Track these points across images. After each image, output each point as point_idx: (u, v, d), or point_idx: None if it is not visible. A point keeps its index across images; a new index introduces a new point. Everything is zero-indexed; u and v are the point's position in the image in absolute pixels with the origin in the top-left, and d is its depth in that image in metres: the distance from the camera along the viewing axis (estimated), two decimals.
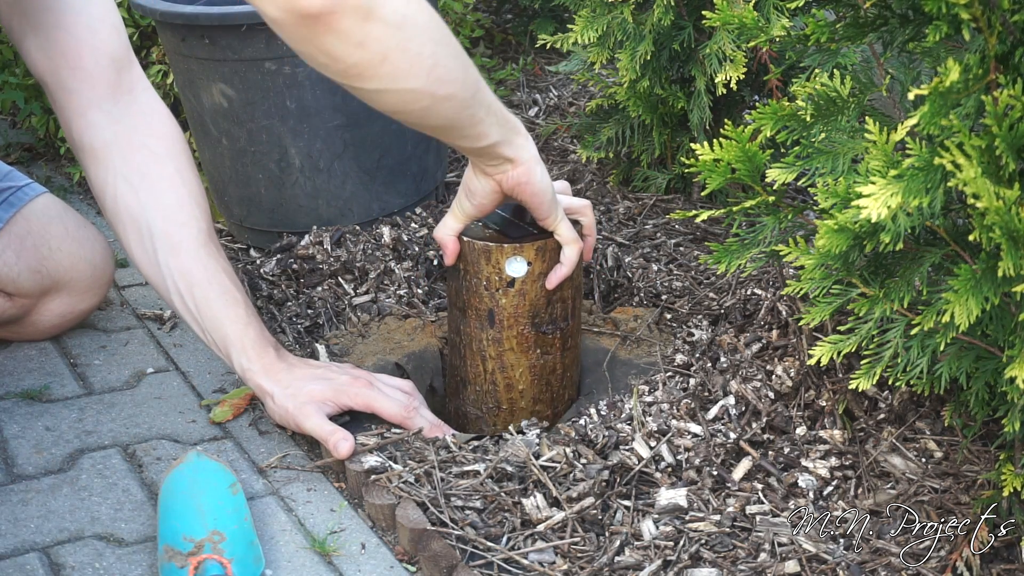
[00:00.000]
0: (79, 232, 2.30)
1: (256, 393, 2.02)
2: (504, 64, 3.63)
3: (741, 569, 1.71)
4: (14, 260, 2.22)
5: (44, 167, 3.14)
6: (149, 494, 1.91)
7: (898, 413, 1.96)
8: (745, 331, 2.17)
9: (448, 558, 1.71)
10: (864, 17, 1.68)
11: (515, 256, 2.02)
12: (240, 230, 2.73)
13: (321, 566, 1.75)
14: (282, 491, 1.92)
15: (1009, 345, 1.50)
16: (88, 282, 2.30)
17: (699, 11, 2.46)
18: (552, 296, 2.06)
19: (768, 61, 2.51)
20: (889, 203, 1.40)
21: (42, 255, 2.24)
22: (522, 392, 2.12)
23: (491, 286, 2.04)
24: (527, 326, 2.07)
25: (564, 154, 3.08)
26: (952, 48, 1.55)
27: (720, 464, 1.90)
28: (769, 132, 1.71)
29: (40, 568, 1.74)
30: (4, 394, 2.17)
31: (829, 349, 1.65)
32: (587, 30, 2.55)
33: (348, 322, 2.38)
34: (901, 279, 1.61)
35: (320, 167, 2.58)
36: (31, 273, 2.23)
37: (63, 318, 2.32)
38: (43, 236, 2.25)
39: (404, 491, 1.84)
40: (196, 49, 2.50)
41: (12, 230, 2.23)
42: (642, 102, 2.62)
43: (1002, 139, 1.35)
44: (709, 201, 2.72)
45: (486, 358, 2.10)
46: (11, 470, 1.96)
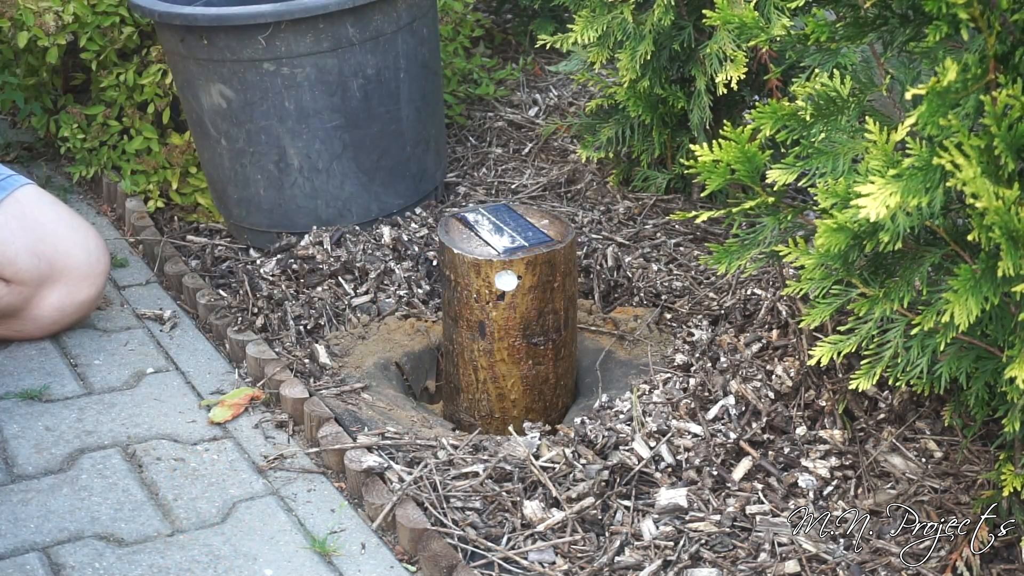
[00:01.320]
0: (71, 219, 2.33)
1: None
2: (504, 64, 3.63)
3: (741, 569, 1.71)
4: (11, 237, 2.24)
5: (44, 167, 3.14)
6: (149, 494, 1.91)
7: (898, 413, 1.96)
8: (745, 331, 2.17)
9: (448, 558, 1.71)
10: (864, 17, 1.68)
11: (505, 270, 2.02)
12: (239, 230, 2.73)
13: (321, 566, 1.75)
14: (282, 491, 1.92)
15: (1009, 345, 1.50)
16: (85, 269, 2.31)
17: (699, 11, 2.46)
18: (544, 308, 2.06)
19: (768, 61, 2.51)
20: (888, 203, 1.40)
21: (38, 236, 2.26)
22: (514, 402, 2.12)
23: (481, 299, 2.04)
24: (518, 338, 2.07)
25: (564, 154, 3.08)
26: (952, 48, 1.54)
27: (720, 464, 1.90)
28: (769, 132, 1.71)
29: (40, 568, 1.74)
30: (4, 394, 2.17)
31: (829, 349, 1.65)
32: (587, 30, 2.55)
33: (348, 323, 2.38)
34: (901, 279, 1.61)
35: (319, 168, 2.58)
36: (29, 255, 2.24)
37: (62, 311, 2.32)
38: (37, 219, 2.28)
39: (404, 491, 1.83)
40: (194, 50, 2.50)
41: (7, 209, 2.26)
42: (642, 102, 2.62)
43: (1001, 139, 1.35)
44: (709, 201, 2.72)
45: (478, 368, 2.10)
46: (11, 470, 1.96)
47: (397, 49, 2.56)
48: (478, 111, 3.33)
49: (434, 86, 2.73)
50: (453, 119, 3.24)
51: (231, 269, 2.59)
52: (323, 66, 2.48)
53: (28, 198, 2.30)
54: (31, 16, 2.75)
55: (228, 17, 2.43)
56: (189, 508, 1.88)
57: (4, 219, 2.25)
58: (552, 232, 2.11)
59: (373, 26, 2.50)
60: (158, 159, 2.86)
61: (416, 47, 2.61)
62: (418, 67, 2.63)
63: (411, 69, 2.61)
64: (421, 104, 2.67)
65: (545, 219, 2.17)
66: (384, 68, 2.55)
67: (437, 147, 2.79)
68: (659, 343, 2.29)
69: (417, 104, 2.65)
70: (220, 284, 2.54)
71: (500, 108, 3.34)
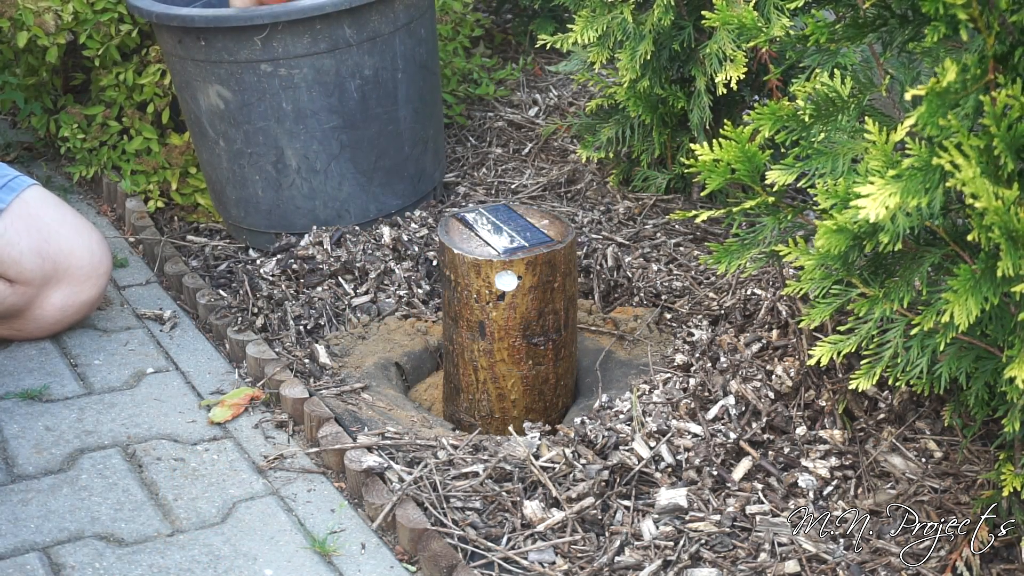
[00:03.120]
0: (75, 220, 2.34)
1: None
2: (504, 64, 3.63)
3: (741, 569, 1.71)
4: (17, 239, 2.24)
5: (44, 167, 3.14)
6: (149, 494, 1.91)
7: (898, 413, 1.96)
8: (745, 331, 2.17)
9: (448, 558, 1.71)
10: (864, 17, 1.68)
11: (505, 270, 2.02)
12: (238, 231, 2.73)
13: (321, 566, 1.75)
14: (282, 491, 1.92)
15: (1009, 345, 1.50)
16: (87, 270, 2.32)
17: (699, 11, 2.46)
18: (544, 309, 2.06)
19: (768, 61, 2.51)
20: (887, 203, 1.40)
21: (43, 237, 2.27)
22: (514, 402, 2.12)
23: (481, 299, 2.04)
24: (518, 338, 2.07)
25: (564, 154, 3.08)
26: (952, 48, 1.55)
27: (720, 464, 1.90)
28: (768, 132, 1.71)
29: (40, 568, 1.74)
30: (4, 394, 2.17)
31: (829, 349, 1.65)
32: (587, 30, 2.55)
33: (348, 323, 2.38)
34: (901, 279, 1.61)
35: (317, 168, 2.58)
36: (33, 255, 2.25)
37: (64, 311, 2.32)
38: (43, 219, 2.29)
39: (404, 491, 1.84)
40: (192, 51, 2.50)
41: (15, 211, 2.27)
42: (642, 102, 2.62)
43: (1001, 139, 1.35)
44: (709, 201, 2.72)
45: (478, 368, 2.10)
46: (11, 470, 1.96)
47: (395, 50, 2.56)
48: (478, 111, 3.33)
49: (432, 86, 2.73)
50: (453, 119, 3.24)
51: (231, 269, 2.59)
52: (320, 67, 2.48)
53: (34, 199, 2.31)
54: (31, 16, 2.75)
55: (225, 18, 2.43)
56: (189, 508, 1.88)
57: (11, 220, 2.26)
58: (552, 232, 2.11)
59: (370, 27, 2.50)
60: (158, 159, 2.86)
61: (414, 48, 2.61)
62: (416, 67, 2.63)
63: (409, 70, 2.61)
64: (419, 104, 2.67)
65: (545, 219, 2.17)
66: (382, 69, 2.55)
67: (435, 147, 2.79)
68: (659, 343, 2.29)
69: (415, 104, 2.65)
70: (220, 284, 2.54)
71: (500, 108, 3.34)
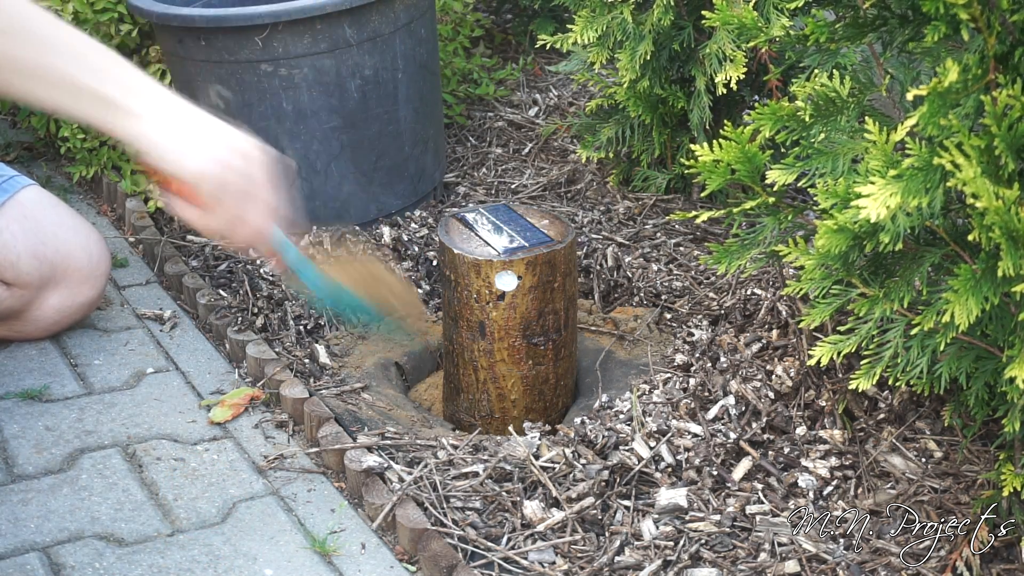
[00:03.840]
0: (73, 221, 2.32)
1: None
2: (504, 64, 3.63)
3: (741, 569, 1.71)
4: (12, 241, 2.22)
5: (44, 167, 3.14)
6: (149, 494, 1.91)
7: (898, 413, 1.96)
8: (745, 331, 2.17)
9: (448, 558, 1.71)
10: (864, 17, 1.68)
11: (505, 270, 2.02)
12: None
13: (321, 566, 1.75)
14: (282, 491, 1.92)
15: (1009, 345, 1.50)
16: (85, 271, 2.30)
17: (699, 11, 2.46)
18: (544, 309, 2.06)
19: (768, 61, 2.51)
20: (888, 203, 1.40)
21: (40, 239, 2.25)
22: (514, 402, 2.12)
23: (481, 299, 2.04)
24: (518, 338, 2.07)
25: (564, 154, 3.08)
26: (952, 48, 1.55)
27: (720, 464, 1.90)
28: (768, 132, 1.71)
29: (40, 568, 1.73)
30: (4, 394, 2.17)
31: (829, 349, 1.65)
32: (587, 30, 2.55)
33: (348, 322, 2.38)
34: (901, 279, 1.61)
35: (317, 168, 2.58)
36: (30, 258, 2.23)
37: (62, 313, 2.32)
38: (39, 221, 2.27)
39: (404, 491, 1.83)
40: (192, 51, 2.50)
41: (9, 212, 2.25)
42: (642, 102, 2.62)
43: (1001, 139, 1.35)
44: (709, 201, 2.72)
45: (478, 368, 2.10)
46: (11, 470, 1.96)
47: (395, 50, 2.56)
48: (478, 111, 3.33)
49: (432, 86, 2.73)
50: (453, 119, 3.24)
51: (231, 269, 2.59)
52: (321, 67, 2.48)
53: (30, 200, 2.29)
54: None
55: (225, 18, 2.43)
56: (189, 508, 1.88)
57: (5, 222, 2.24)
58: (552, 232, 2.11)
59: (371, 27, 2.50)
60: None
61: (414, 47, 2.61)
62: (416, 67, 2.63)
63: (409, 69, 2.61)
64: (419, 104, 2.67)
65: (545, 219, 2.17)
66: (382, 69, 2.55)
67: (436, 147, 2.79)
68: (659, 343, 2.29)
69: (415, 104, 2.65)
70: (220, 284, 2.54)
71: (500, 108, 3.34)
